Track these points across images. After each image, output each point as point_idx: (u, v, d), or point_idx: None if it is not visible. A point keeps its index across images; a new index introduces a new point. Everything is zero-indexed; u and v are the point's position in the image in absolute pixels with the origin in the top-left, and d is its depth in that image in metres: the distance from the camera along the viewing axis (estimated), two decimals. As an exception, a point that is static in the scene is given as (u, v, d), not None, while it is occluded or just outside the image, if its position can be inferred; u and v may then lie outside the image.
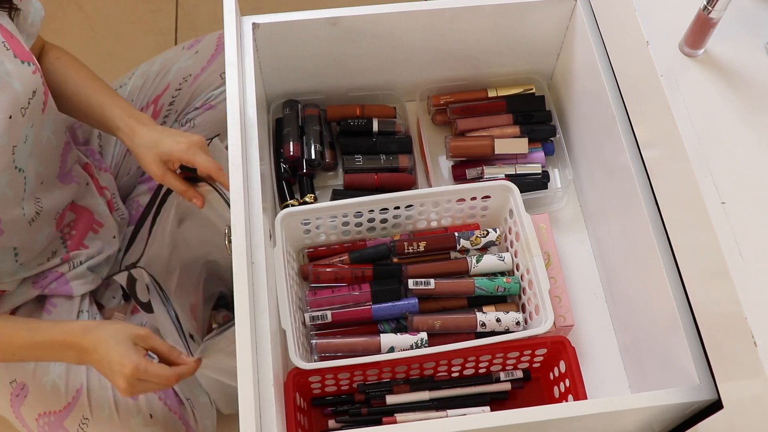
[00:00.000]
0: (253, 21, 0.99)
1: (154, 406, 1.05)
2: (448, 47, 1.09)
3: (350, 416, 0.96)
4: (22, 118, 0.92)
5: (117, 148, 1.23)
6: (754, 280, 0.67)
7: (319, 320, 0.96)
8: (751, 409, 0.68)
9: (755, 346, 0.64)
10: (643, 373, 0.95)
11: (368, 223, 1.03)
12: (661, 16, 0.83)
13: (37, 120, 0.96)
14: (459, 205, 1.03)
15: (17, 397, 1.04)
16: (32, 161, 0.97)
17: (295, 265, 1.02)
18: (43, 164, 1.00)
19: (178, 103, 1.24)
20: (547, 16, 1.05)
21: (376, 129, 1.13)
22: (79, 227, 1.09)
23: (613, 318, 1.04)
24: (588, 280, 1.07)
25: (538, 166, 1.09)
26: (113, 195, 1.16)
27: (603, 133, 0.98)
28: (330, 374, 0.92)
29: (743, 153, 0.74)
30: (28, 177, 0.96)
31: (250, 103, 0.91)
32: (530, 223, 0.97)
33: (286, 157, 1.09)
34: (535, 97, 1.15)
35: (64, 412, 1.03)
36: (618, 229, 0.98)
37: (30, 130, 0.94)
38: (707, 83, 0.78)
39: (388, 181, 1.10)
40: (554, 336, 0.94)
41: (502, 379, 0.98)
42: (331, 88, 1.14)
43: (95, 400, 1.03)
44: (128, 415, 1.03)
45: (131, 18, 1.94)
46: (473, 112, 1.13)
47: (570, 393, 0.92)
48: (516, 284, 0.98)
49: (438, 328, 0.95)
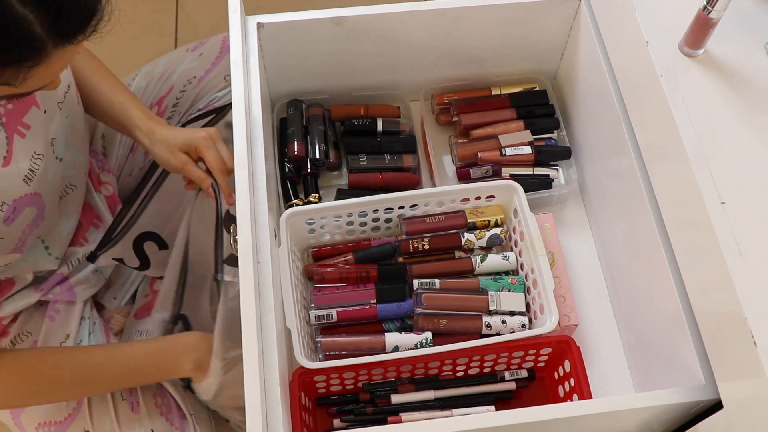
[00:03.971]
0: (257, 21, 0.99)
1: (156, 420, 1.05)
2: (452, 47, 1.09)
3: (355, 415, 0.96)
4: (59, 111, 0.95)
5: (120, 149, 1.23)
6: (754, 280, 0.67)
7: (325, 319, 0.96)
8: (751, 409, 0.68)
9: (755, 346, 0.64)
10: (648, 373, 0.95)
11: (373, 222, 1.03)
12: (661, 16, 0.83)
13: (72, 111, 0.99)
14: (463, 204, 1.03)
15: None
16: (69, 151, 1.00)
17: (300, 265, 1.02)
18: (78, 153, 1.03)
19: (181, 105, 1.24)
20: (551, 16, 1.05)
21: (381, 129, 1.13)
22: (81, 222, 1.09)
23: (617, 317, 1.04)
24: (592, 280, 1.07)
25: (555, 169, 1.10)
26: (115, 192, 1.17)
27: (607, 133, 0.98)
28: (335, 373, 0.92)
29: (743, 153, 0.74)
30: (65, 166, 1.00)
31: (255, 103, 0.92)
32: (535, 223, 0.97)
33: (290, 156, 1.09)
34: (538, 92, 1.15)
35: (65, 423, 1.02)
36: (622, 229, 0.98)
37: (65, 121, 0.98)
38: (707, 83, 0.78)
39: (392, 181, 1.10)
40: (559, 335, 0.95)
41: (506, 378, 0.98)
42: (335, 88, 1.14)
43: (96, 412, 1.03)
44: (130, 428, 1.03)
45: (131, 18, 1.94)
46: (476, 108, 1.13)
47: (575, 392, 0.93)
48: (520, 284, 0.98)
49: (443, 327, 0.95)
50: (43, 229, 0.98)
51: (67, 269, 1.07)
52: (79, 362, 0.97)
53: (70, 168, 1.01)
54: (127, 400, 1.04)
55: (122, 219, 1.10)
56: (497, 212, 1.03)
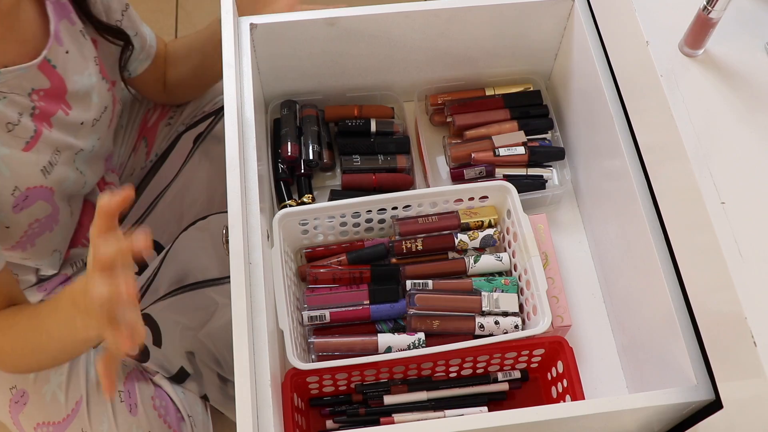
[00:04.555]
0: (250, 21, 0.99)
1: (154, 422, 1.05)
2: (445, 47, 1.09)
3: (348, 416, 0.96)
4: (91, 128, 1.00)
5: (122, 149, 1.23)
6: (754, 280, 0.67)
7: (318, 320, 0.96)
8: (750, 409, 0.68)
9: (755, 346, 0.64)
10: (641, 374, 0.95)
11: (366, 223, 1.03)
12: (661, 16, 0.83)
13: (103, 133, 1.04)
14: (457, 205, 1.03)
15: (17, 404, 1.04)
16: (90, 168, 1.04)
17: (293, 266, 1.02)
18: (94, 174, 1.07)
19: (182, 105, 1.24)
20: (544, 16, 1.05)
21: (374, 129, 1.13)
22: (84, 221, 1.09)
23: (611, 318, 1.04)
24: (586, 281, 1.07)
25: (549, 170, 1.10)
26: None
27: (601, 134, 0.98)
28: (328, 374, 0.92)
29: (743, 153, 0.74)
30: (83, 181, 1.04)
31: (247, 104, 0.91)
32: (528, 224, 0.97)
33: (284, 157, 1.09)
34: (532, 92, 1.15)
35: (63, 424, 1.03)
36: (616, 230, 0.98)
37: (96, 141, 1.02)
38: (707, 83, 0.78)
39: (386, 182, 1.09)
40: (552, 336, 0.94)
41: (499, 379, 0.98)
42: (329, 89, 1.14)
43: (94, 413, 1.03)
44: (128, 430, 1.03)
45: (131, 18, 1.94)
46: (470, 109, 1.13)
47: (567, 393, 0.93)
48: (514, 285, 0.98)
49: (436, 328, 0.95)
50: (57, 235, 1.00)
51: (71, 270, 1.08)
52: None
53: (86, 185, 1.04)
54: (125, 402, 1.04)
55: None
56: (491, 213, 1.03)
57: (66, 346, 0.89)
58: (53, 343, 0.87)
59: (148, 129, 1.24)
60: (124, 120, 1.23)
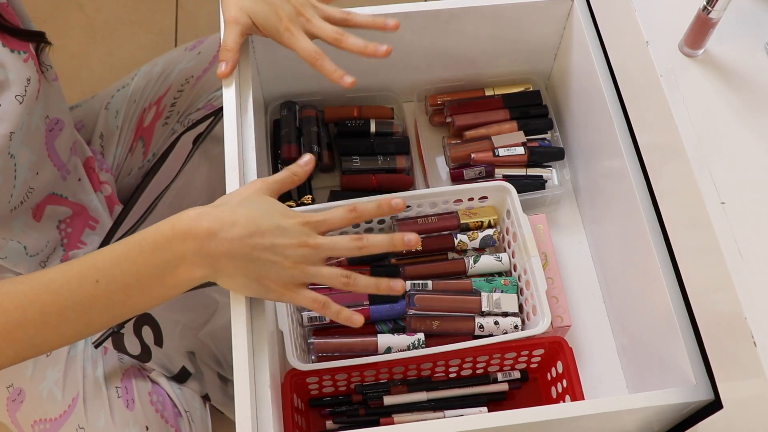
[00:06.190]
0: (250, 22, 0.99)
1: (151, 417, 1.04)
2: (445, 48, 1.09)
3: (348, 417, 0.96)
4: (19, 105, 0.90)
5: (119, 149, 1.23)
6: (754, 280, 0.66)
7: (317, 320, 0.96)
8: (750, 409, 0.68)
9: (755, 346, 0.64)
10: (641, 374, 0.95)
11: (366, 224, 1.03)
12: (661, 16, 0.83)
13: (32, 107, 0.93)
14: (456, 206, 1.03)
15: (14, 402, 1.04)
16: (23, 149, 0.94)
17: (293, 266, 1.01)
18: (33, 153, 0.97)
19: (180, 104, 1.24)
20: (543, 16, 1.05)
21: (374, 130, 1.13)
22: (76, 225, 1.09)
23: (610, 318, 1.04)
24: (585, 281, 1.07)
25: (549, 170, 1.10)
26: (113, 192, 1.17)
27: (600, 134, 0.98)
28: (327, 375, 0.92)
29: (743, 153, 0.74)
30: (19, 165, 0.94)
31: (247, 105, 0.91)
32: (527, 224, 0.97)
33: (283, 158, 1.09)
34: (532, 93, 1.15)
35: (60, 420, 1.02)
36: (615, 230, 0.98)
37: (26, 117, 0.92)
38: (707, 83, 0.78)
39: (385, 182, 1.10)
40: (552, 336, 0.94)
41: (499, 379, 0.98)
42: (328, 90, 1.14)
43: (91, 409, 1.03)
44: (125, 425, 1.03)
45: (131, 18, 1.95)
46: (470, 109, 1.13)
47: (567, 393, 0.93)
48: (513, 285, 0.98)
49: (436, 329, 0.95)
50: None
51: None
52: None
53: (27, 170, 0.95)
54: (122, 398, 1.04)
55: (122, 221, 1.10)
56: (490, 213, 1.03)
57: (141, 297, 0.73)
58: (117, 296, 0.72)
59: (145, 129, 1.24)
60: (119, 120, 1.23)
